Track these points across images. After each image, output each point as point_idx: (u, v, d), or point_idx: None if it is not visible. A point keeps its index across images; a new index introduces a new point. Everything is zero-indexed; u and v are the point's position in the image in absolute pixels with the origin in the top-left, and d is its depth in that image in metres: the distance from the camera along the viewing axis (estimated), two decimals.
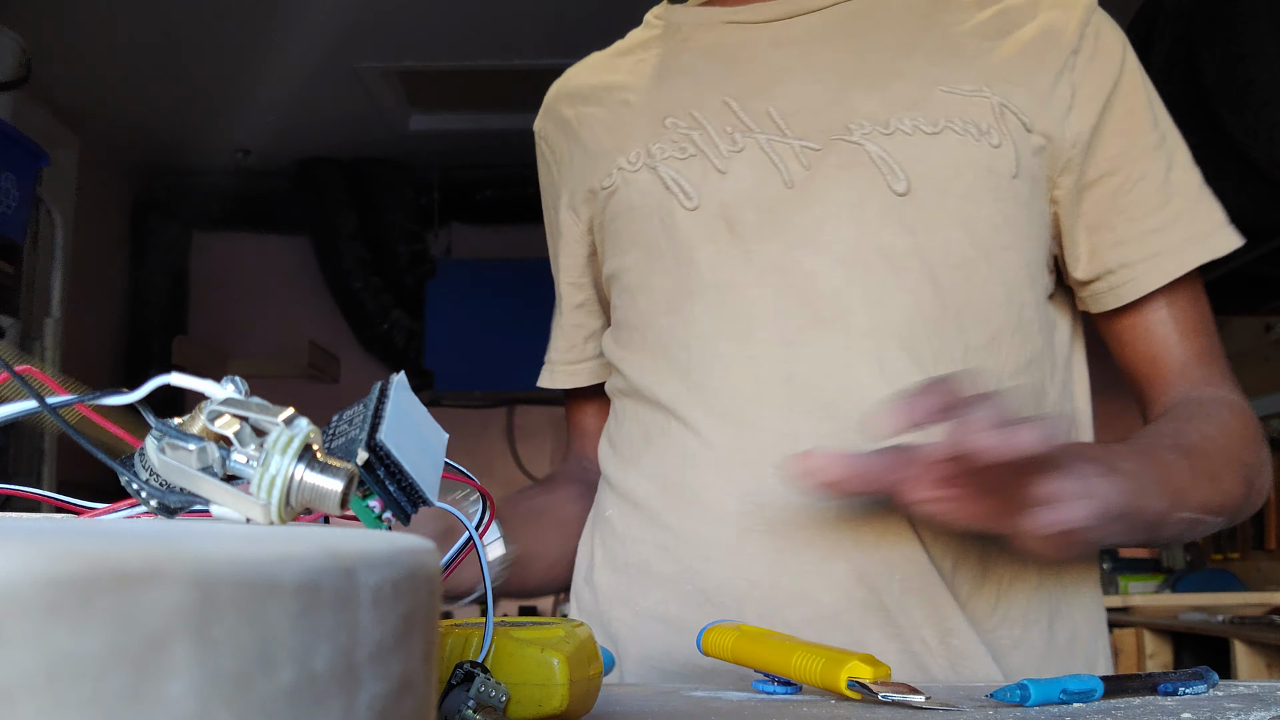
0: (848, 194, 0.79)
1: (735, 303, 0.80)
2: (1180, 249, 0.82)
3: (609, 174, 0.88)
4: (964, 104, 0.81)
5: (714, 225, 0.81)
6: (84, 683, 0.17)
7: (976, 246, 0.79)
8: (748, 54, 0.87)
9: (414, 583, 0.24)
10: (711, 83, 0.87)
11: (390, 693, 0.22)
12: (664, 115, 0.86)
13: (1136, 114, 0.84)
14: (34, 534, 0.22)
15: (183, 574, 0.18)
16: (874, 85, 0.82)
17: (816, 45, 0.86)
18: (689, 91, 0.87)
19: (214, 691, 0.18)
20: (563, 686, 0.41)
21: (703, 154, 0.83)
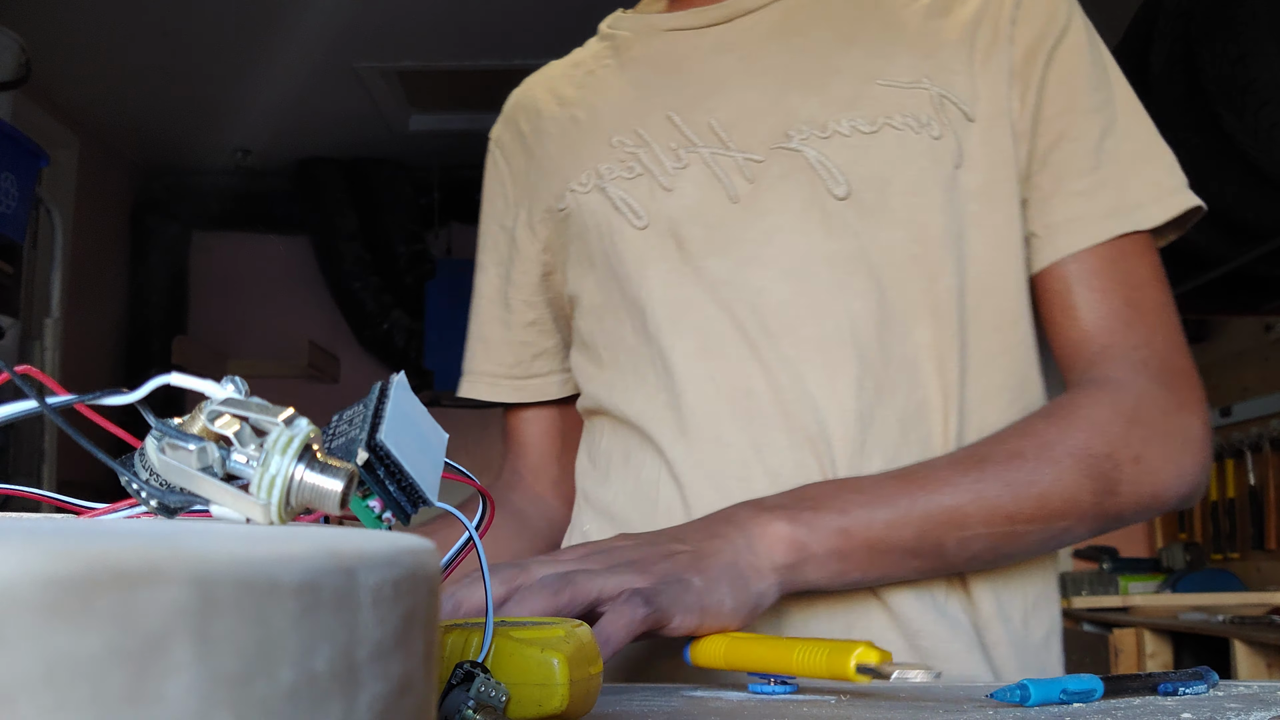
0: (791, 204, 0.80)
1: (691, 321, 0.81)
2: (1105, 216, 0.80)
3: (562, 196, 0.89)
4: (902, 97, 0.80)
5: (664, 244, 0.82)
6: (84, 683, 0.17)
7: (922, 243, 0.78)
8: (690, 63, 0.87)
9: (414, 583, 0.24)
10: (654, 96, 0.87)
11: (390, 693, 0.22)
12: (611, 133, 0.87)
13: (1077, 74, 0.82)
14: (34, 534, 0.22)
15: (183, 574, 0.18)
16: (812, 86, 0.82)
17: (755, 48, 0.86)
18: (633, 106, 0.88)
19: (214, 691, 0.18)
20: (563, 686, 0.41)
21: (649, 172, 0.84)
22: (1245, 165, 2.23)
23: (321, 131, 4.01)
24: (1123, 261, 0.81)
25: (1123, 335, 0.80)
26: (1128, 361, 0.79)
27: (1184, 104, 2.28)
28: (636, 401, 0.83)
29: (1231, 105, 2.11)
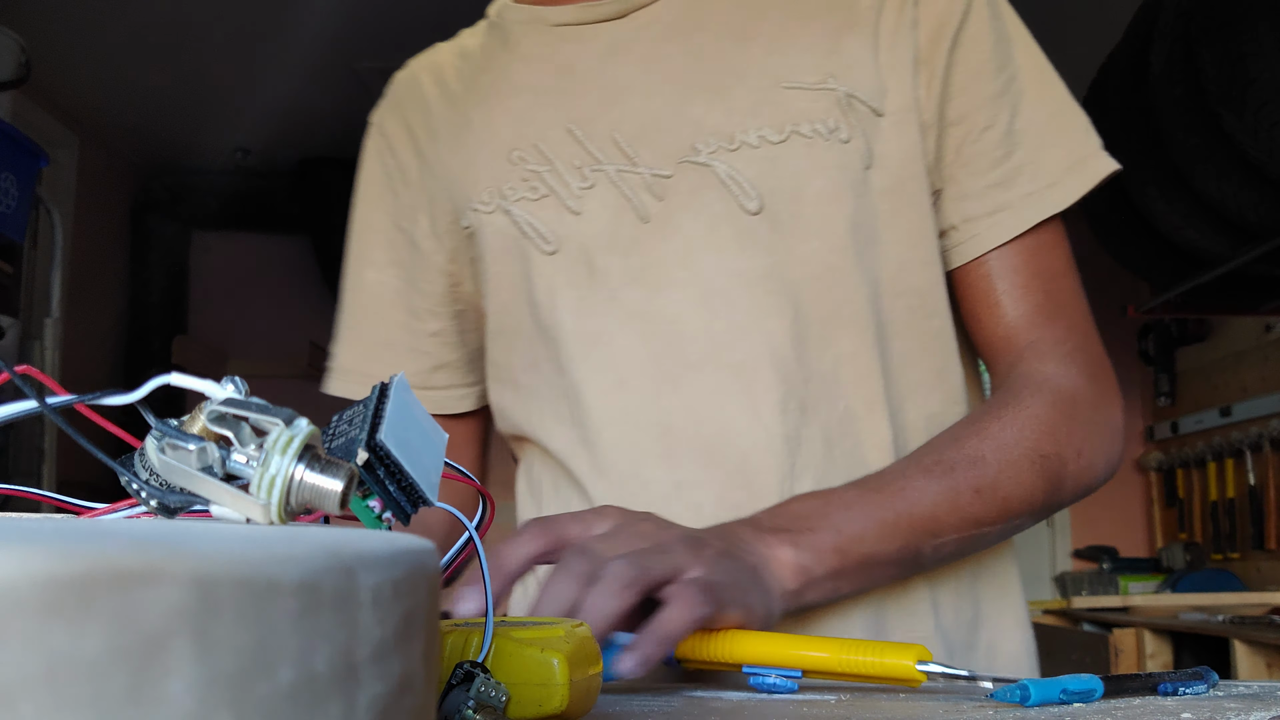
0: (701, 221, 0.77)
1: (604, 353, 0.78)
2: (1023, 205, 0.80)
3: (465, 214, 0.84)
4: (810, 102, 0.77)
5: (574, 271, 0.79)
6: (84, 683, 0.17)
7: (836, 252, 0.77)
8: (584, 67, 0.82)
9: (414, 583, 0.24)
10: (551, 105, 0.82)
11: (390, 693, 0.22)
12: (509, 148, 0.82)
13: (981, 60, 0.80)
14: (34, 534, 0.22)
15: (183, 574, 0.18)
16: (715, 92, 0.79)
17: (652, 50, 0.81)
18: (530, 116, 0.82)
19: (214, 691, 0.18)
20: (563, 686, 0.42)
21: (554, 194, 0.80)
22: (1245, 165, 2.23)
23: (321, 131, 4.01)
24: (1041, 252, 0.81)
25: (1048, 329, 0.80)
26: (1056, 356, 0.79)
27: (1184, 104, 2.28)
28: (556, 436, 0.81)
29: (1231, 105, 2.11)
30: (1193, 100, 2.25)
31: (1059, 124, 0.82)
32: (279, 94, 3.57)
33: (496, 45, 0.88)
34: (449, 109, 0.88)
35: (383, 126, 0.92)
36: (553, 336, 0.80)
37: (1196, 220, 2.51)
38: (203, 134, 3.95)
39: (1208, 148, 2.27)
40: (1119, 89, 2.61)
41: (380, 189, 0.92)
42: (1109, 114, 2.68)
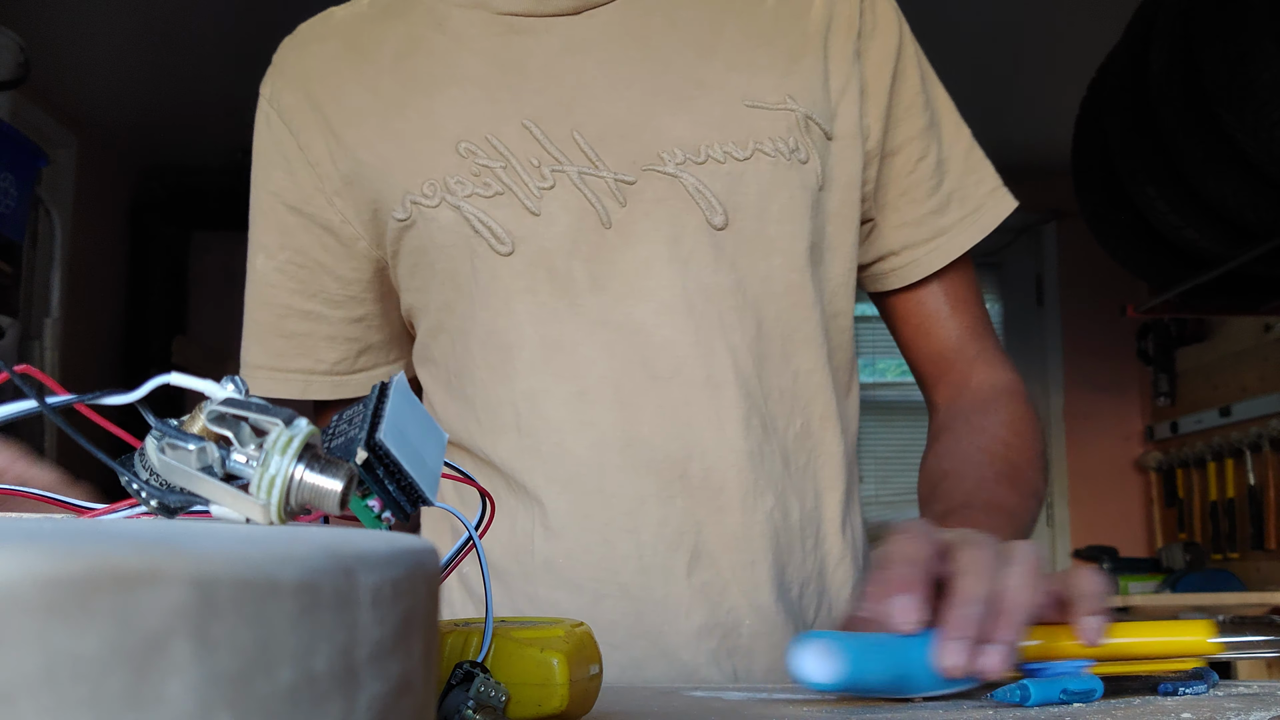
0: (666, 231, 0.76)
1: (565, 361, 0.76)
2: (958, 230, 0.85)
3: (401, 205, 0.78)
4: (771, 121, 0.78)
5: (533, 274, 0.76)
6: (84, 683, 0.17)
7: (797, 270, 0.78)
8: (538, 62, 0.79)
9: (414, 583, 0.24)
10: (503, 99, 0.78)
11: (390, 693, 0.22)
12: (455, 139, 0.77)
13: (914, 94, 0.84)
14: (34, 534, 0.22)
15: (183, 574, 0.18)
16: (679, 102, 0.78)
17: (612, 50, 0.79)
18: (479, 109, 0.78)
19: (214, 691, 0.18)
20: (563, 686, 0.42)
21: (511, 191, 0.76)
22: (1245, 165, 2.23)
23: None
24: (967, 271, 0.88)
25: (987, 339, 0.87)
26: (1000, 362, 0.87)
27: (1184, 104, 2.28)
28: (500, 446, 0.77)
29: (1231, 105, 2.11)
30: (1193, 100, 2.25)
31: (973, 156, 0.88)
32: None
33: (427, 27, 0.82)
34: (369, 90, 0.81)
35: (277, 100, 0.84)
36: (505, 341, 0.76)
37: (1196, 220, 2.51)
38: (203, 134, 3.95)
39: (1208, 148, 2.27)
40: (1119, 89, 2.61)
41: (273, 169, 0.83)
42: (1109, 114, 2.68)
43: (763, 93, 0.79)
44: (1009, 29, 3.28)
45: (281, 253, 0.83)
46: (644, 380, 0.75)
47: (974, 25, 3.26)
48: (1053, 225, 4.39)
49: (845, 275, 0.83)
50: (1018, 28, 3.26)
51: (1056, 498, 4.33)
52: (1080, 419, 4.33)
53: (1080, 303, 4.32)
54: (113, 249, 4.16)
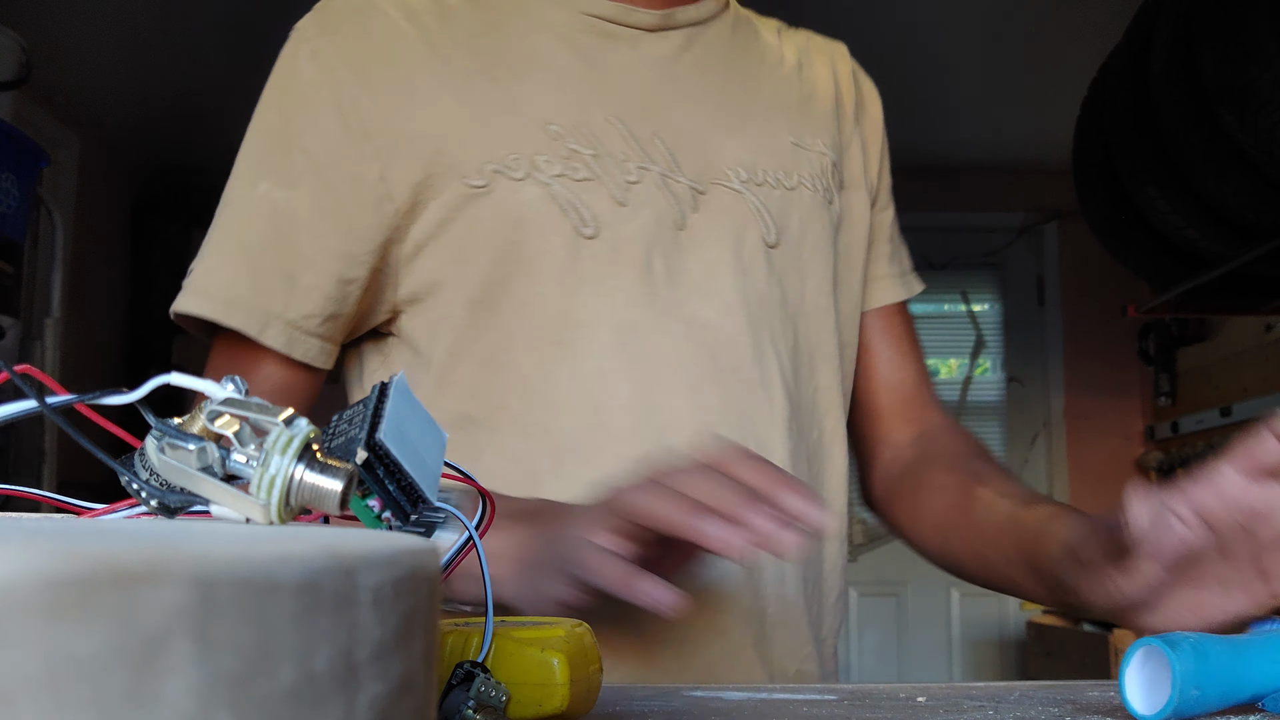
0: (730, 241, 0.81)
1: (640, 346, 0.77)
2: (909, 276, 1.00)
3: (478, 172, 0.77)
4: (810, 161, 0.88)
5: (616, 260, 0.78)
6: (84, 683, 0.17)
7: (824, 295, 0.87)
8: (619, 66, 0.83)
9: (414, 583, 0.24)
10: (588, 92, 0.81)
11: (390, 693, 0.22)
12: (544, 120, 0.79)
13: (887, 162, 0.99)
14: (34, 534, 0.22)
15: (183, 574, 0.18)
16: (738, 128, 0.85)
17: (683, 70, 0.85)
18: (566, 96, 0.80)
19: (214, 691, 0.18)
20: (563, 686, 0.42)
21: (599, 179, 0.78)
22: (1245, 165, 2.23)
23: None
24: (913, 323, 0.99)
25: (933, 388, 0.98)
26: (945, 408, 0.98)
27: (1184, 104, 2.28)
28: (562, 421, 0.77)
29: (1231, 105, 2.11)
30: (1193, 100, 2.25)
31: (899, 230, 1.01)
32: None
33: (506, 12, 0.83)
34: (439, 58, 0.80)
35: (324, 44, 0.81)
36: (575, 320, 0.77)
37: (1196, 220, 2.51)
38: (203, 134, 3.95)
39: (1208, 148, 2.27)
40: (1119, 89, 2.61)
41: (304, 110, 0.80)
42: (1110, 114, 2.68)
43: (801, 134, 0.89)
44: (1010, 29, 3.27)
45: (293, 187, 0.80)
46: (710, 372, 0.79)
47: (974, 25, 3.26)
48: (1054, 225, 4.39)
49: (853, 311, 0.92)
50: (1018, 28, 3.26)
51: (1057, 498, 4.32)
52: (1081, 419, 4.33)
53: (1081, 303, 4.32)
54: (114, 249, 4.15)
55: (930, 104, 3.78)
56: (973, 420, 4.38)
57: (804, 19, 1.04)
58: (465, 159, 0.78)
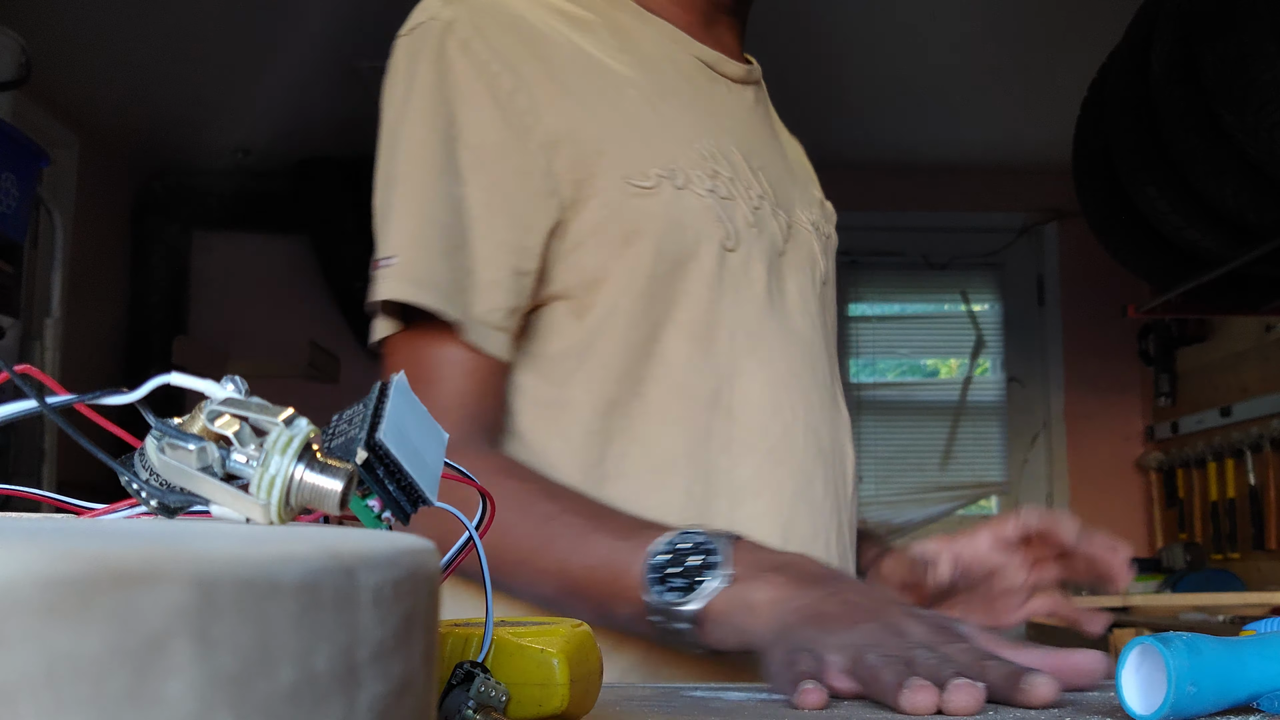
0: (806, 273, 0.93)
1: (764, 352, 0.86)
2: None
3: (645, 175, 0.81)
4: (827, 214, 1.02)
5: (748, 273, 0.86)
6: (84, 683, 0.17)
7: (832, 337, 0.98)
8: (725, 105, 0.92)
9: (414, 583, 0.24)
10: (712, 123, 0.88)
11: (390, 693, 0.22)
12: (690, 139, 0.85)
13: None
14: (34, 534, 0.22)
15: (183, 574, 0.18)
16: (794, 178, 0.99)
17: (757, 120, 0.97)
18: (700, 123, 0.88)
19: (214, 691, 0.18)
20: (563, 686, 0.41)
21: (737, 199, 0.86)
22: (1245, 165, 2.23)
23: (321, 131, 4.01)
24: None
25: None
26: None
27: (1184, 104, 2.28)
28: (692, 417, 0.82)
29: (1231, 105, 2.11)
30: (1193, 100, 2.25)
31: None
32: (279, 94, 3.57)
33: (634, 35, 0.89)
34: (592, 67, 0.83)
35: (482, 33, 0.81)
36: (712, 323, 0.83)
37: (1197, 220, 2.51)
38: (203, 134, 3.95)
39: (1208, 148, 2.27)
40: (1120, 89, 2.61)
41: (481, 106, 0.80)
42: (1110, 114, 2.68)
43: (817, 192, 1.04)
44: (1010, 29, 3.27)
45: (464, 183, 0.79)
46: (811, 380, 0.89)
47: (975, 25, 3.26)
48: (1054, 225, 4.39)
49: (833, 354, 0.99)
50: (1019, 28, 3.26)
51: (1057, 498, 4.33)
52: (1081, 419, 4.33)
53: (1081, 303, 4.32)
54: (114, 249, 4.16)
55: (931, 104, 3.78)
56: (973, 420, 4.38)
57: (806, 19, 1.07)
58: (629, 162, 0.81)
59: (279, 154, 4.14)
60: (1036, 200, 4.39)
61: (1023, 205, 4.40)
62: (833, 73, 3.53)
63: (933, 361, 4.61)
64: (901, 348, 4.51)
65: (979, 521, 0.79)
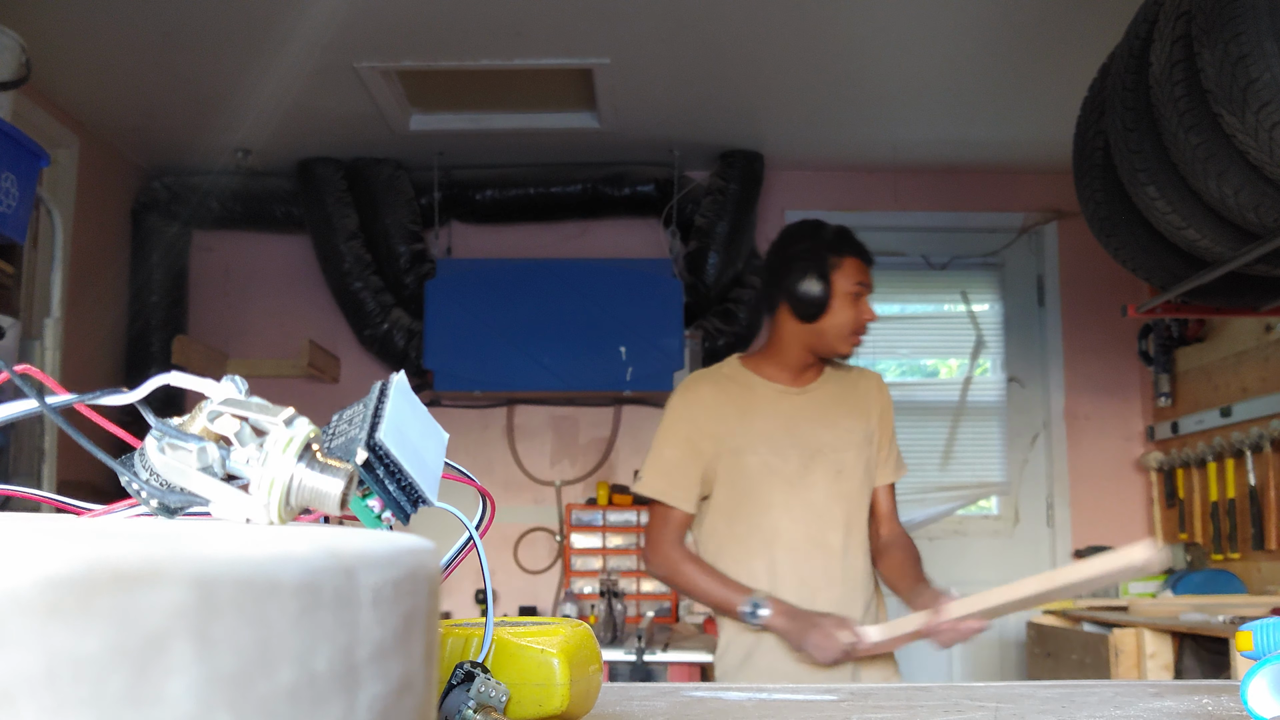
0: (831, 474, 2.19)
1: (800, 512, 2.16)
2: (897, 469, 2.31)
3: (738, 451, 2.17)
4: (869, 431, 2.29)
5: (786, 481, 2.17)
6: (84, 683, 0.17)
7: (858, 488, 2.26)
8: (788, 405, 2.21)
9: (414, 583, 0.24)
10: (782, 426, 2.19)
11: (390, 693, 0.22)
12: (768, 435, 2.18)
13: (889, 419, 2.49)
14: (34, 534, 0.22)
15: (183, 574, 0.18)
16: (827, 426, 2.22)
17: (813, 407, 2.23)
18: (773, 427, 2.19)
19: (214, 691, 0.18)
20: (563, 686, 0.41)
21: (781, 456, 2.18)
22: (1245, 165, 2.23)
23: (321, 131, 4.01)
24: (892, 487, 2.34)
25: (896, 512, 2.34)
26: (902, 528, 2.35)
27: (1184, 104, 2.28)
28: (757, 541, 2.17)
29: (1232, 106, 2.11)
30: (1193, 100, 2.25)
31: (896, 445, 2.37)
32: (279, 94, 3.57)
33: (747, 386, 2.23)
34: (730, 404, 2.20)
35: (698, 392, 2.22)
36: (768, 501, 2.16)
37: (1197, 220, 2.51)
38: (203, 134, 3.95)
39: (1208, 148, 2.27)
40: (1120, 89, 2.61)
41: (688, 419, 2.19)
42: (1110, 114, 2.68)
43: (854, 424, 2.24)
44: (1010, 30, 3.27)
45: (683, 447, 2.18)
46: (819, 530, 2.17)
47: (976, 26, 3.26)
48: (1054, 225, 4.39)
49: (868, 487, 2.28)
50: (1019, 28, 3.26)
51: (1057, 498, 4.33)
52: (1081, 419, 4.33)
53: (1081, 303, 4.32)
54: (114, 249, 4.16)
55: (931, 104, 3.78)
56: (973, 420, 4.38)
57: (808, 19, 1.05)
58: (736, 447, 2.17)
59: (279, 154, 4.14)
60: (1036, 200, 4.39)
61: (1023, 205, 4.40)
62: (834, 74, 3.53)
63: (933, 361, 4.61)
64: (901, 348, 4.51)
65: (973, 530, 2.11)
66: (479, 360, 3.97)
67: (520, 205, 4.23)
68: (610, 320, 3.96)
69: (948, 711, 0.48)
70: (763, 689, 0.60)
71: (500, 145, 4.12)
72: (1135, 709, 0.48)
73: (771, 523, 2.10)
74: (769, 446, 2.12)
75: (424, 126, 3.99)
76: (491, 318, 3.98)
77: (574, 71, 3.52)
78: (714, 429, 2.13)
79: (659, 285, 4.04)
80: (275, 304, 4.44)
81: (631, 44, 3.31)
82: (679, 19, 3.18)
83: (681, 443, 2.13)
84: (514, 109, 3.88)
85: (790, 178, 4.42)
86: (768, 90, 3.71)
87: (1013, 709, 0.48)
